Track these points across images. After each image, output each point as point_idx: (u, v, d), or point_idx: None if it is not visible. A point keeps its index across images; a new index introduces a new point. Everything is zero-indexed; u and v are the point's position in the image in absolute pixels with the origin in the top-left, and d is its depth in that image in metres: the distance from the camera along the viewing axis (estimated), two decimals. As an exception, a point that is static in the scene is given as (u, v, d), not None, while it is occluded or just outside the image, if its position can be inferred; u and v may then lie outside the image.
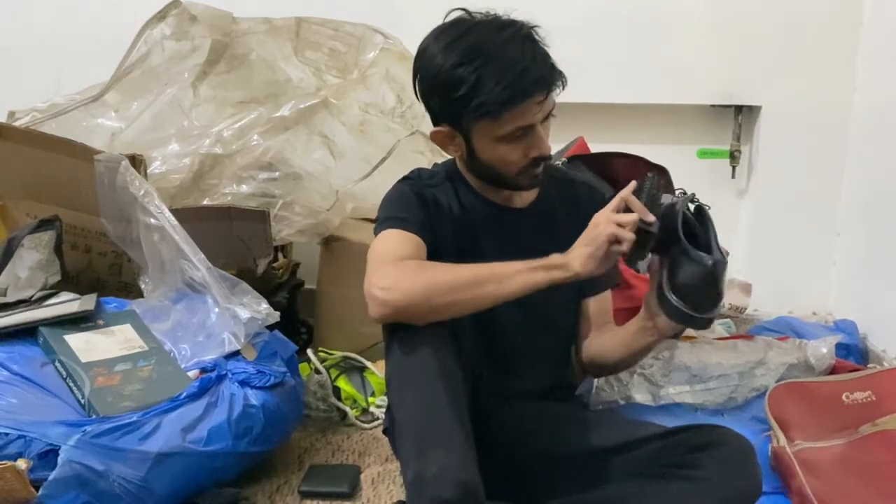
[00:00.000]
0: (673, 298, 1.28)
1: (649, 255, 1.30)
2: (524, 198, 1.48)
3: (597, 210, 1.54)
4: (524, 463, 1.42)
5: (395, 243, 1.34)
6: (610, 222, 1.24)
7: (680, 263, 1.28)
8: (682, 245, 1.27)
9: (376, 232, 1.38)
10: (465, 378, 1.30)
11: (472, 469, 1.19)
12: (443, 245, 1.40)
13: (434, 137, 1.42)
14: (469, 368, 1.32)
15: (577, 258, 1.25)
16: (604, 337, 1.49)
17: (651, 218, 1.25)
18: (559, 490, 1.40)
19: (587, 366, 1.54)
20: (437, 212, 1.41)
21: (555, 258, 1.26)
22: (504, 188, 1.44)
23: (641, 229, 1.24)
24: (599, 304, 1.54)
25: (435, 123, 1.41)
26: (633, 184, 1.30)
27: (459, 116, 1.34)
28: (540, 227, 1.47)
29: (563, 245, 1.47)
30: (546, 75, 1.32)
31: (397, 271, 1.27)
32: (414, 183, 1.44)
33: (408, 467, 1.22)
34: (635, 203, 1.26)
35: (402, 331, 1.28)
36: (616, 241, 1.23)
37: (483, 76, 1.29)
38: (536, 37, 1.35)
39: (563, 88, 1.37)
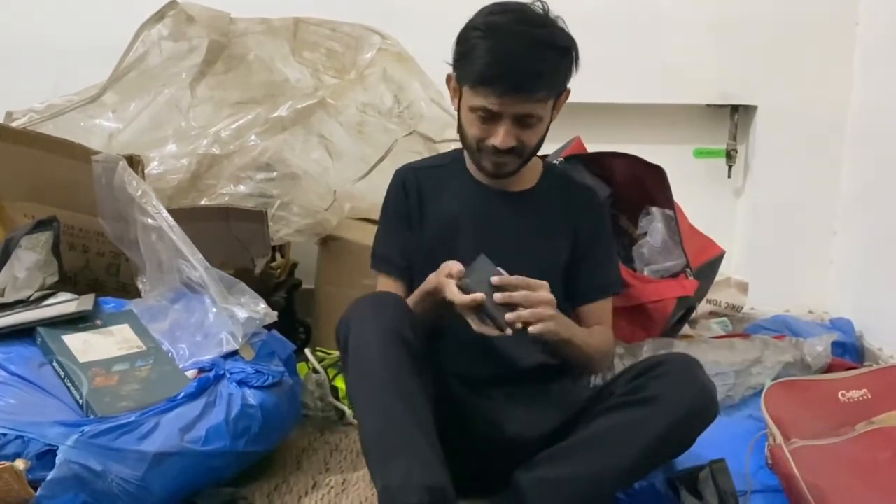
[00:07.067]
0: None
1: None
2: (518, 182, 1.53)
3: (594, 210, 1.58)
4: (503, 449, 1.43)
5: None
6: None
7: None
8: None
9: (372, 261, 1.61)
10: (425, 382, 1.33)
11: (438, 472, 1.22)
12: (428, 224, 1.54)
13: (447, 81, 1.52)
14: (430, 371, 1.36)
15: None
16: None
17: None
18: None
19: None
20: (427, 197, 1.54)
21: None
22: (474, 160, 1.50)
23: None
24: (590, 311, 1.57)
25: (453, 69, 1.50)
26: None
27: (458, 70, 1.45)
28: (527, 211, 1.52)
29: (547, 229, 1.51)
30: (522, 81, 1.36)
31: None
32: (404, 173, 1.58)
33: (376, 480, 1.26)
34: None
35: (352, 350, 1.34)
36: None
37: (477, 48, 1.38)
38: (552, 46, 1.38)
39: (552, 97, 1.41)
